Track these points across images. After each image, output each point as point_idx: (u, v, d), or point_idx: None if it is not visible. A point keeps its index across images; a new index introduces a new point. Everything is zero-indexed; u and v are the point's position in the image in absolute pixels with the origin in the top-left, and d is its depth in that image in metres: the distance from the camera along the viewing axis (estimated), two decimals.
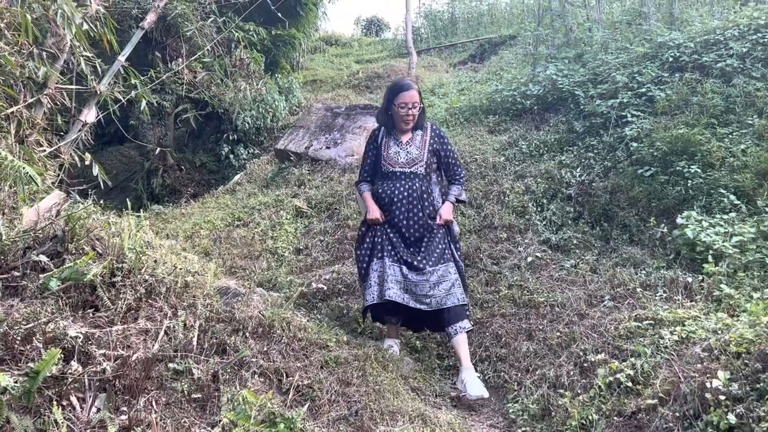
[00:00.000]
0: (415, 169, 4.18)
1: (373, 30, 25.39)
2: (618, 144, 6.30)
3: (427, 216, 4.15)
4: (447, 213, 4.22)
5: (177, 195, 10.50)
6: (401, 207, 4.15)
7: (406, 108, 4.10)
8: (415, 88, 4.15)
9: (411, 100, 4.09)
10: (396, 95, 4.13)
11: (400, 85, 4.18)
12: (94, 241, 3.96)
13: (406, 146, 4.21)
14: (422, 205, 4.15)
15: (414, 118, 4.15)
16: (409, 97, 4.10)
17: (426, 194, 4.17)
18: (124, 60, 6.39)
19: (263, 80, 11.11)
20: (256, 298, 4.16)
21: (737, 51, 6.50)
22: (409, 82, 4.23)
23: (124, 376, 3.21)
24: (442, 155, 4.30)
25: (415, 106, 4.11)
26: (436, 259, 4.07)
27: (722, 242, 4.46)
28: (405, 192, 4.15)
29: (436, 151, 4.25)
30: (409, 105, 4.09)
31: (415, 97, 4.11)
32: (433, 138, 4.27)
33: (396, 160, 4.21)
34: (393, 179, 4.20)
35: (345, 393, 3.42)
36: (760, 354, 2.76)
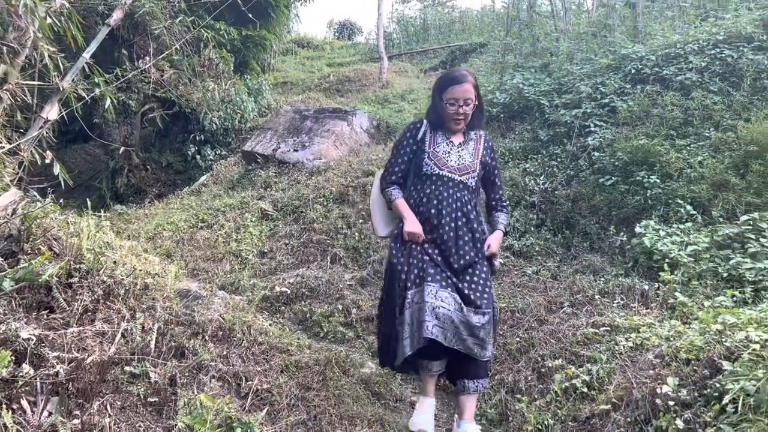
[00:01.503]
0: (466, 179, 3.37)
1: (345, 33, 25.43)
2: (581, 153, 6.42)
3: (477, 240, 3.35)
4: (497, 244, 3.41)
5: (142, 195, 10.35)
6: (450, 222, 3.30)
7: (456, 105, 3.30)
8: (471, 81, 3.32)
9: (463, 95, 3.29)
10: (445, 89, 3.34)
11: (451, 77, 3.37)
12: (51, 241, 3.88)
13: (458, 149, 3.41)
14: (472, 225, 3.34)
15: (466, 117, 3.35)
16: (461, 91, 3.29)
17: (476, 213, 3.39)
18: (88, 57, 6.27)
19: (232, 81, 11.01)
20: (217, 301, 4.12)
21: (696, 65, 6.69)
22: (464, 73, 3.37)
23: (78, 379, 3.16)
24: (489, 171, 3.50)
25: (468, 102, 3.30)
26: (488, 299, 3.24)
27: (678, 251, 4.58)
28: (455, 204, 3.32)
29: (485, 164, 3.47)
30: (461, 101, 3.29)
31: (469, 92, 3.30)
32: (486, 148, 3.50)
33: (445, 161, 3.37)
34: (439, 184, 3.35)
35: (304, 398, 3.41)
36: (708, 361, 2.85)
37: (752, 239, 4.43)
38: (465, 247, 3.28)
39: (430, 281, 3.16)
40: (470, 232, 3.32)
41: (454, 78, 3.35)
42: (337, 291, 5.14)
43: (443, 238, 3.27)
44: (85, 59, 6.24)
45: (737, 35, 6.90)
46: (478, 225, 3.37)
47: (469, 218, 3.33)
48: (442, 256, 3.26)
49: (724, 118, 5.99)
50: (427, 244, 3.29)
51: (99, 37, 6.65)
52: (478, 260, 3.31)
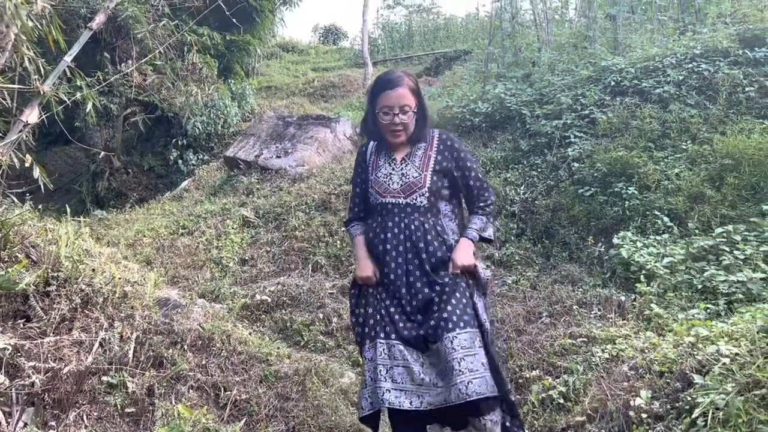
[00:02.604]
0: (413, 200, 2.85)
1: (330, 38, 25.45)
2: (561, 164, 6.50)
3: (436, 269, 2.83)
4: (464, 256, 2.82)
5: (123, 199, 10.27)
6: (397, 257, 2.84)
7: (390, 114, 2.81)
8: (407, 84, 2.83)
9: (398, 101, 2.79)
10: (377, 96, 2.85)
11: (383, 81, 2.87)
12: (28, 249, 3.85)
13: (401, 166, 2.92)
14: (426, 253, 2.81)
15: (406, 128, 2.85)
16: (396, 97, 2.79)
17: (432, 236, 2.84)
18: (70, 60, 6.23)
19: (216, 85, 10.99)
20: (197, 309, 4.11)
21: (674, 78, 6.80)
22: (399, 75, 2.87)
23: (54, 389, 3.14)
24: (456, 175, 2.93)
25: (405, 110, 2.80)
26: (454, 322, 2.71)
27: (654, 263, 4.65)
28: (402, 234, 2.85)
29: (445, 171, 2.90)
30: (395, 109, 2.79)
31: (405, 98, 2.79)
32: (441, 151, 2.93)
33: (387, 186, 2.90)
34: (384, 214, 2.91)
35: (283, 408, 3.42)
36: (681, 374, 2.90)
37: (726, 251, 4.52)
38: (417, 283, 2.80)
39: (382, 338, 2.76)
40: (422, 264, 2.80)
41: (387, 81, 2.85)
42: (318, 299, 5.15)
43: (390, 277, 2.83)
44: (66, 62, 6.19)
45: (714, 49, 7.03)
46: (436, 250, 2.82)
47: (417, 247, 2.81)
48: (394, 299, 2.83)
49: (700, 131, 6.10)
50: (381, 287, 2.88)
51: (81, 40, 6.61)
52: (441, 291, 2.77)
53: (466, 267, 2.82)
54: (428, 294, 2.78)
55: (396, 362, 2.73)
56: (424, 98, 2.92)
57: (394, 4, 25.42)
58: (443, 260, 2.83)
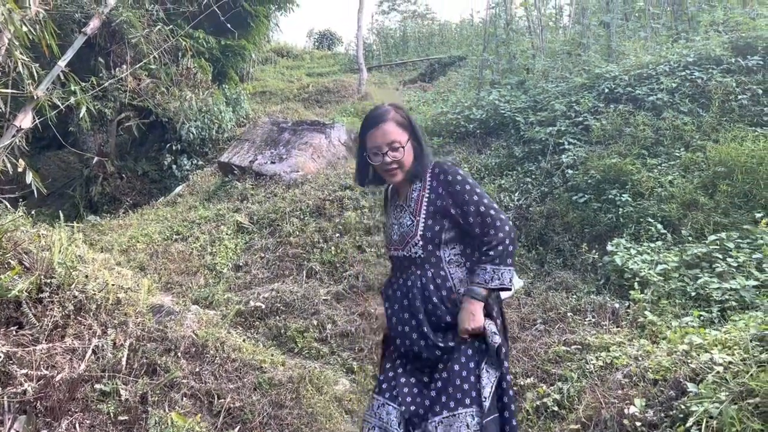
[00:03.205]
0: (408, 251, 2.52)
1: (325, 44, 25.48)
2: (555, 170, 6.52)
3: (437, 328, 2.47)
4: (468, 320, 2.40)
5: (116, 204, 10.22)
6: (392, 317, 2.58)
7: (380, 155, 2.48)
8: (392, 117, 2.50)
9: (385, 139, 2.46)
10: (364, 138, 2.55)
11: (365, 122, 2.56)
12: (21, 255, 3.83)
13: (400, 212, 2.61)
14: (425, 312, 2.47)
15: (401, 165, 2.50)
16: (381, 135, 2.47)
17: (431, 291, 2.47)
18: (64, 65, 6.21)
19: (210, 90, 10.98)
20: (190, 316, 4.10)
21: (667, 86, 6.84)
22: (381, 111, 2.54)
23: (46, 397, 3.12)
24: (455, 213, 2.47)
25: (395, 146, 2.46)
26: (443, 403, 2.39)
27: (648, 270, 4.67)
28: (398, 291, 2.58)
29: (442, 211, 2.49)
30: (384, 148, 2.46)
31: (392, 133, 2.47)
32: (434, 189, 2.52)
33: (391, 236, 2.63)
34: (393, 270, 2.68)
35: (277, 416, 3.41)
36: (674, 382, 2.91)
37: (719, 259, 4.54)
38: (414, 346, 2.47)
39: (377, 393, 2.55)
40: (420, 324, 2.46)
41: (370, 120, 2.53)
42: (312, 306, 5.14)
43: (393, 335, 2.58)
44: (60, 67, 6.17)
45: (707, 57, 7.08)
46: (435, 307, 2.46)
47: (414, 306, 2.47)
48: (398, 356, 2.57)
49: (693, 139, 6.13)
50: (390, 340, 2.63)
51: (75, 45, 6.59)
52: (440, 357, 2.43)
53: (472, 332, 2.41)
54: (428, 357, 2.45)
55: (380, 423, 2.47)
56: (418, 129, 2.57)
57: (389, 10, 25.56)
58: (445, 319, 2.45)
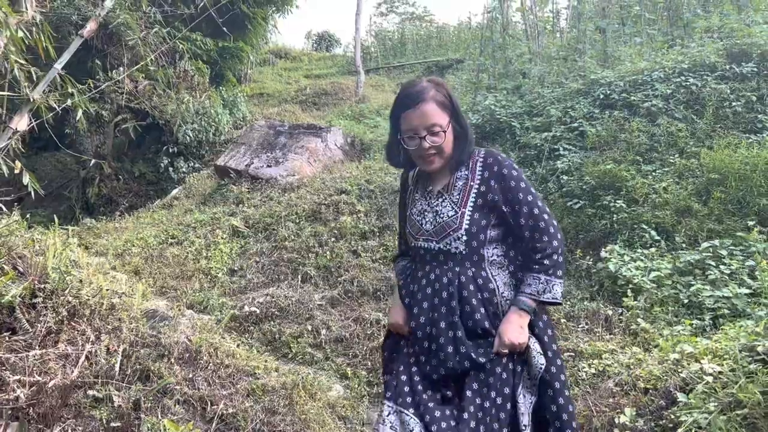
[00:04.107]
0: (447, 245, 2.25)
1: (323, 45, 25.49)
2: (550, 176, 6.54)
3: (473, 335, 2.20)
4: (513, 332, 2.15)
5: (113, 205, 10.22)
6: (420, 316, 2.29)
7: (417, 138, 2.22)
8: (432, 96, 2.20)
9: (423, 122, 2.19)
10: (399, 118, 2.26)
11: (401, 100, 2.26)
12: (15, 260, 3.84)
13: (437, 200, 2.32)
14: (461, 314, 2.21)
15: (438, 152, 2.24)
16: (419, 117, 2.19)
17: (470, 291, 2.22)
18: (60, 68, 6.22)
19: (207, 93, 11.00)
20: (184, 321, 4.11)
21: (662, 92, 6.87)
22: (420, 88, 2.23)
23: (39, 403, 3.13)
24: (506, 210, 2.25)
25: (434, 130, 2.20)
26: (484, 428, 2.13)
27: (641, 277, 4.68)
28: (428, 287, 2.29)
29: (491, 205, 2.25)
30: (421, 131, 2.20)
31: (432, 115, 2.19)
32: (485, 180, 2.26)
33: (420, 225, 2.33)
34: (417, 260, 2.40)
35: (270, 422, 3.41)
36: (665, 391, 2.93)
37: (712, 266, 4.56)
38: (441, 352, 2.19)
39: (389, 397, 2.26)
40: (453, 327, 2.19)
41: (406, 98, 2.24)
42: (307, 311, 5.15)
43: (417, 335, 2.28)
44: (57, 70, 6.18)
45: (701, 64, 7.11)
46: (473, 311, 2.19)
47: (449, 306, 2.20)
48: (417, 360, 2.28)
49: (688, 145, 6.16)
50: (411, 339, 2.34)
51: (72, 48, 6.61)
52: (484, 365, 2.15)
53: (515, 347, 2.14)
54: (455, 367, 2.16)
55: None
56: (460, 110, 2.28)
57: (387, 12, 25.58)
58: (483, 325, 2.18)
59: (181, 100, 10.30)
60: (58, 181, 12.08)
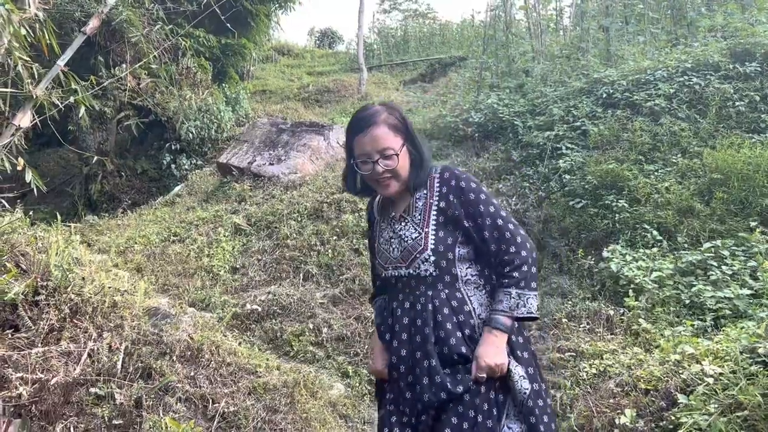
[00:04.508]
0: (417, 268, 2.14)
1: (326, 42, 25.45)
2: (552, 175, 6.54)
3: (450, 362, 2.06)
4: (490, 354, 2.00)
5: (115, 202, 10.23)
6: (400, 349, 2.16)
7: (369, 164, 2.14)
8: (383, 119, 2.14)
9: (375, 145, 2.12)
10: (352, 144, 2.19)
11: (352, 125, 2.19)
12: (18, 257, 3.85)
13: (400, 224, 2.22)
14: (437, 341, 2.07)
15: (393, 175, 2.16)
16: (371, 141, 2.12)
17: (444, 315, 2.09)
18: (63, 64, 6.22)
19: (210, 90, 11.00)
20: (186, 319, 4.12)
21: (665, 92, 6.86)
22: (371, 112, 2.17)
23: (41, 401, 3.15)
24: (468, 225, 2.13)
25: (387, 153, 2.12)
26: None
27: (643, 277, 4.68)
28: (404, 317, 2.17)
29: (455, 221, 2.14)
30: (374, 155, 2.13)
31: (384, 139, 2.12)
32: (444, 195, 2.17)
33: (388, 254, 2.23)
34: (390, 291, 2.28)
35: (272, 420, 3.43)
36: (666, 392, 2.93)
37: (714, 266, 4.55)
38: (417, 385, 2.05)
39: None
40: (428, 355, 2.05)
41: (357, 123, 2.17)
42: (308, 309, 5.16)
43: (400, 371, 2.14)
44: (59, 66, 6.18)
45: (705, 63, 7.09)
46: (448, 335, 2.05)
47: (423, 333, 2.08)
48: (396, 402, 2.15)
49: (690, 145, 6.15)
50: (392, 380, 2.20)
51: (74, 45, 6.61)
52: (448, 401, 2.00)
53: (494, 370, 1.99)
54: (432, 399, 2.00)
55: None
56: (415, 132, 2.22)
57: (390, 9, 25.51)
58: (459, 350, 2.03)
59: (183, 97, 10.30)
60: (60, 177, 12.09)
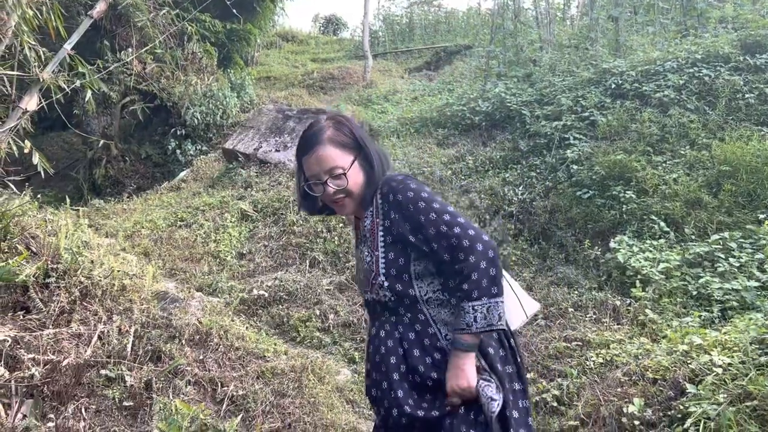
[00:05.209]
0: (377, 294, 1.99)
1: (331, 29, 25.34)
2: (559, 165, 6.53)
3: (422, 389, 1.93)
4: (454, 378, 1.85)
5: (120, 187, 10.23)
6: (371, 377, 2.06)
7: (320, 185, 1.98)
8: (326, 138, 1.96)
9: (322, 165, 1.95)
10: (302, 164, 2.03)
11: (299, 145, 2.04)
12: (28, 240, 3.87)
13: (361, 246, 2.08)
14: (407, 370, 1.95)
15: (347, 194, 1.99)
16: (317, 162, 1.96)
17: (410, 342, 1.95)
18: (70, 48, 6.21)
19: (215, 75, 10.96)
20: (195, 304, 4.14)
21: (674, 83, 6.83)
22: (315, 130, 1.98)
23: (53, 381, 3.16)
24: (413, 239, 1.91)
25: (336, 173, 1.95)
26: None
27: (650, 268, 4.69)
28: (371, 345, 2.08)
29: (402, 240, 1.93)
30: (322, 175, 1.96)
31: (331, 158, 1.95)
32: (386, 213, 1.97)
33: (358, 276, 2.15)
34: (368, 315, 2.17)
35: (280, 405, 3.45)
36: (674, 382, 2.94)
37: (722, 258, 4.56)
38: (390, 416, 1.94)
39: None
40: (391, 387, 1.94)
41: (302, 143, 2.01)
42: (315, 296, 5.17)
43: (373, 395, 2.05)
44: (66, 50, 6.17)
45: (715, 55, 7.06)
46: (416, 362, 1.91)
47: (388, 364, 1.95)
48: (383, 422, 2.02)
49: (699, 137, 6.13)
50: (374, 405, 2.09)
51: (81, 28, 6.58)
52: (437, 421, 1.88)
53: (463, 394, 1.85)
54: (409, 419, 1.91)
55: None
56: (368, 143, 2.02)
57: None
58: (430, 375, 1.90)
59: (189, 83, 10.27)
60: (64, 161, 12.09)
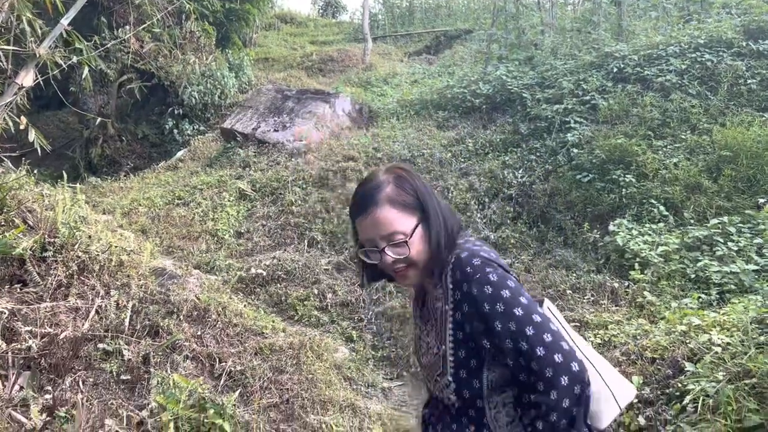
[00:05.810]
0: (439, 391, 1.64)
1: (330, 11, 25.11)
2: (560, 148, 6.50)
3: None
4: None
5: (116, 166, 10.17)
6: None
7: (376, 252, 1.61)
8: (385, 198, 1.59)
9: (379, 230, 1.59)
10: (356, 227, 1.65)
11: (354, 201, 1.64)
12: (25, 214, 3.84)
13: (426, 326, 1.71)
14: None
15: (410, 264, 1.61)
16: (373, 226, 1.60)
17: None
18: (67, 23, 6.13)
19: (213, 55, 10.86)
20: (193, 280, 4.12)
21: (677, 67, 6.79)
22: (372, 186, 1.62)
23: (50, 354, 3.16)
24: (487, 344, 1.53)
25: (395, 239, 1.59)
26: None
27: (649, 251, 4.68)
28: None
29: (475, 339, 1.55)
30: (379, 242, 1.60)
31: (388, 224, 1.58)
32: (457, 301, 1.57)
33: (419, 353, 1.77)
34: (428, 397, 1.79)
35: (278, 381, 3.45)
36: (672, 361, 2.95)
37: (720, 242, 4.56)
38: None
39: None
40: None
41: (357, 201, 1.63)
42: (313, 275, 5.16)
43: None
44: (63, 26, 6.09)
45: (718, 40, 7.01)
46: None
47: None
48: None
49: (700, 122, 6.11)
50: None
51: (78, 4, 6.49)
52: None
53: None
54: None
55: None
56: (433, 201, 1.64)
57: None
58: None
59: (186, 62, 10.16)
60: (60, 140, 12.00)
